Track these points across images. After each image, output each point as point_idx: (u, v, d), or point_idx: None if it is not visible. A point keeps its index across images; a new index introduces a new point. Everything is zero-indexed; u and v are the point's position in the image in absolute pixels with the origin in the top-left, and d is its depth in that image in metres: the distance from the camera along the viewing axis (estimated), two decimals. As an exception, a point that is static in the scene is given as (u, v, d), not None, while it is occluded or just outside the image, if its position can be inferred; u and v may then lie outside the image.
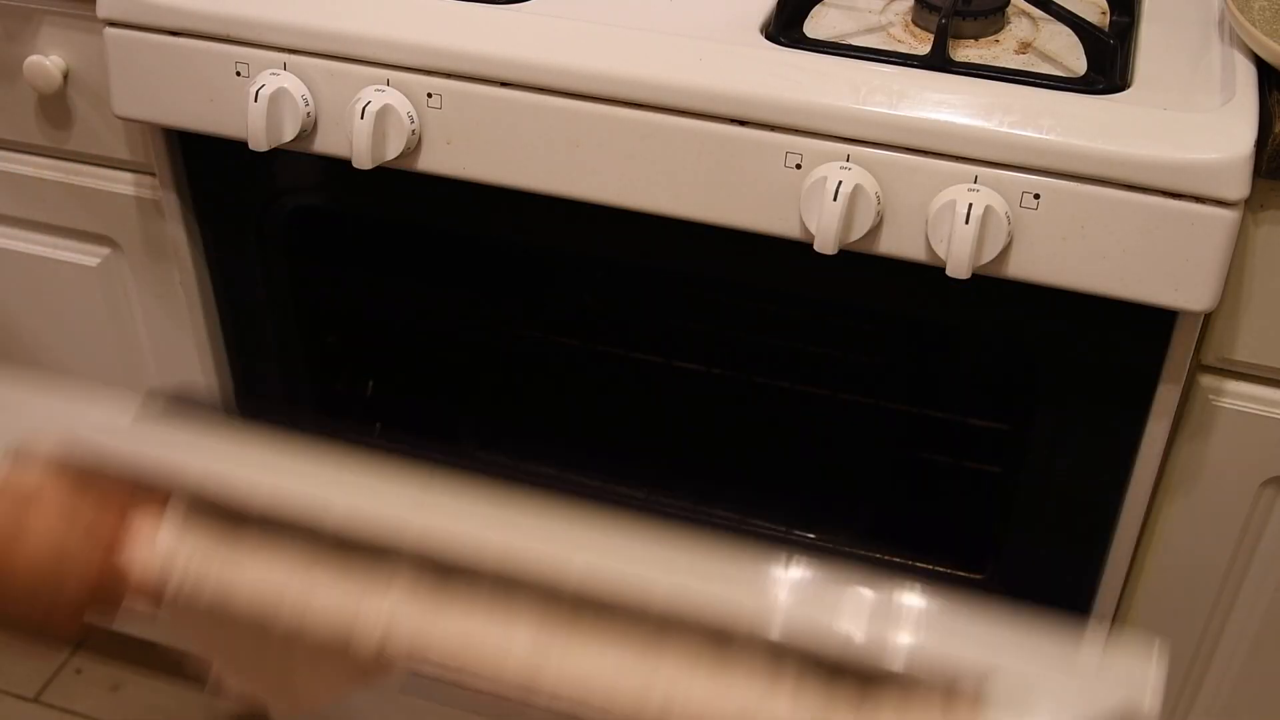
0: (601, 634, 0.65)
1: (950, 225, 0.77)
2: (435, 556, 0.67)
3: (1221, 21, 0.89)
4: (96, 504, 0.69)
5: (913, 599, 0.63)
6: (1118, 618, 1.00)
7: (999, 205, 0.77)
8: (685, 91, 0.82)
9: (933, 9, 0.87)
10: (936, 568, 1.17)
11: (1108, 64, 0.82)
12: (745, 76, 0.81)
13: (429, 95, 0.87)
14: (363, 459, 0.71)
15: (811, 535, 1.22)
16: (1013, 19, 0.90)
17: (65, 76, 1.02)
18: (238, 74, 0.90)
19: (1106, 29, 0.87)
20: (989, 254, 0.78)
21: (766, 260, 0.90)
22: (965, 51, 0.86)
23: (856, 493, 1.28)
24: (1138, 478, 0.91)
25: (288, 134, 0.89)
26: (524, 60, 0.84)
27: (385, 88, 0.87)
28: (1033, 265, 0.80)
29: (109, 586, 0.71)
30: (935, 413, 1.31)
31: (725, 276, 0.96)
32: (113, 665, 1.58)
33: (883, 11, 0.91)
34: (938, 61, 0.82)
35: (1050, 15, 0.86)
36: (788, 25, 0.87)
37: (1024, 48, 0.87)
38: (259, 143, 0.89)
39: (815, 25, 0.89)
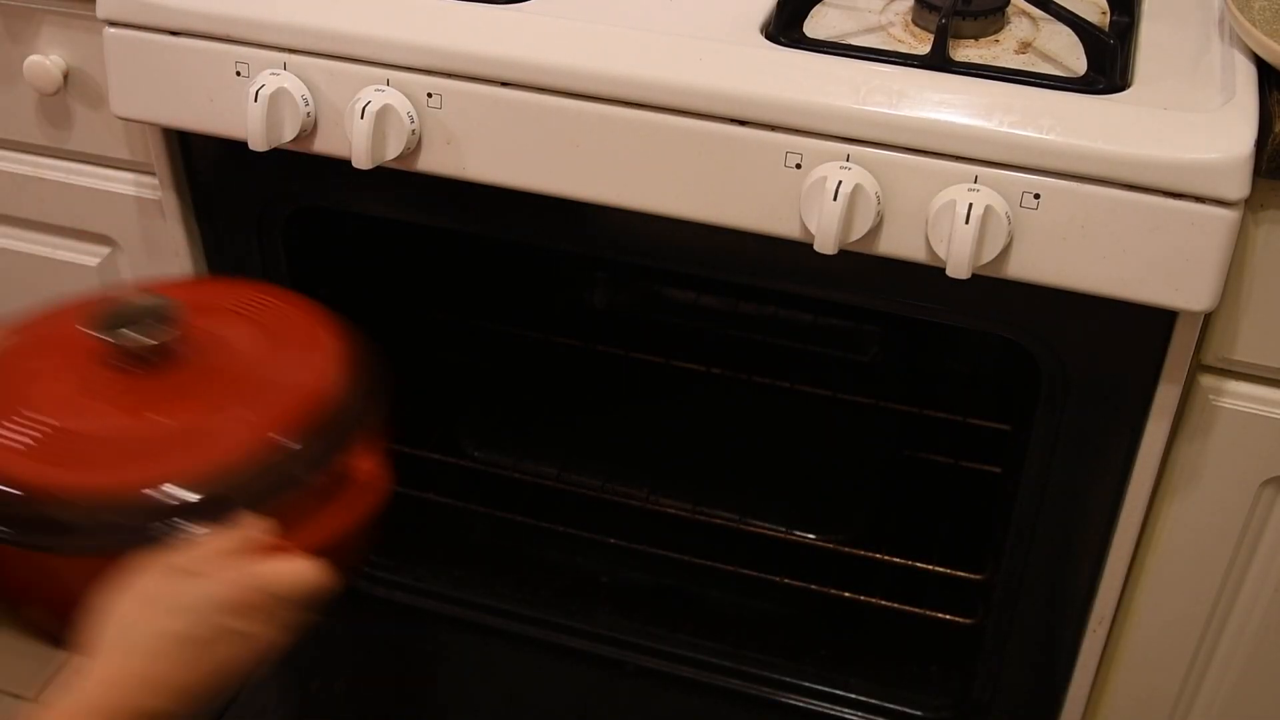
0: None
1: (950, 225, 0.77)
2: None
3: (1221, 21, 0.89)
4: None
5: None
6: (1118, 618, 1.00)
7: (999, 205, 0.77)
8: (685, 91, 0.82)
9: (933, 9, 0.87)
10: (936, 568, 1.17)
11: (1108, 64, 0.82)
12: (745, 76, 0.81)
13: (429, 95, 0.87)
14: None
15: (811, 535, 1.22)
16: (1013, 19, 0.90)
17: (65, 76, 1.02)
18: (238, 74, 0.90)
19: (1106, 29, 0.87)
20: (989, 254, 0.78)
21: (766, 260, 0.90)
22: (965, 51, 0.86)
23: (856, 493, 1.28)
24: (1138, 478, 0.91)
25: (288, 134, 0.89)
26: (524, 60, 0.84)
27: (385, 88, 0.87)
28: (1033, 265, 0.80)
29: None
30: (935, 413, 1.31)
31: (725, 276, 0.96)
32: (113, 665, 1.57)
33: (883, 11, 0.91)
34: (938, 61, 0.82)
35: (1050, 15, 0.86)
36: (788, 25, 0.87)
37: (1024, 48, 0.87)
38: (259, 143, 0.89)
39: (815, 25, 0.89)
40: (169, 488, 0.72)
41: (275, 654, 0.72)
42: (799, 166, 0.81)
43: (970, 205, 0.77)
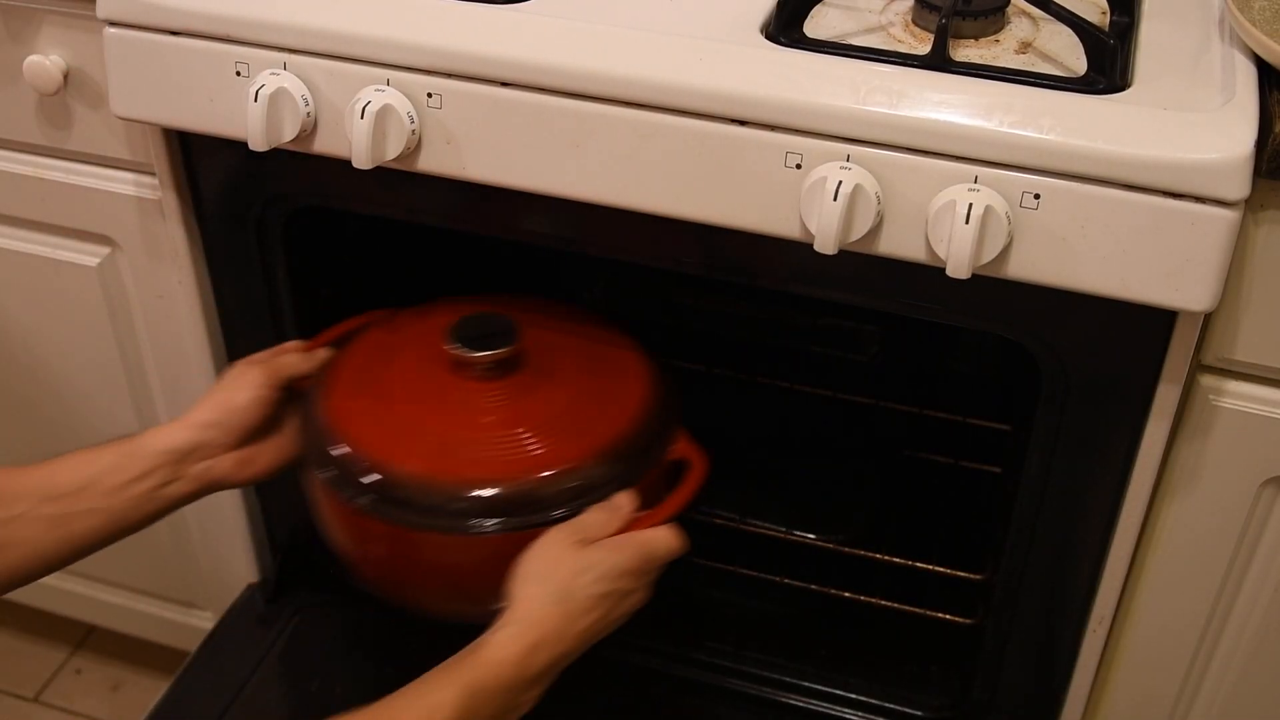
0: None
1: (950, 225, 0.77)
2: None
3: (1221, 21, 0.89)
4: None
5: None
6: (1118, 618, 1.00)
7: (999, 205, 0.77)
8: (685, 91, 0.82)
9: (933, 9, 0.87)
10: (936, 568, 1.17)
11: (1108, 64, 0.82)
12: (745, 76, 0.81)
13: (429, 95, 0.87)
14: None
15: (811, 536, 1.22)
16: (1013, 19, 0.90)
17: (65, 76, 1.02)
18: (238, 74, 0.90)
19: (1106, 29, 0.87)
20: (989, 254, 0.78)
21: (766, 260, 0.90)
22: (965, 51, 0.86)
23: (856, 492, 1.28)
24: (1138, 478, 0.91)
25: (288, 134, 0.89)
26: (524, 60, 0.84)
27: (385, 88, 0.87)
28: (1033, 265, 0.80)
29: None
30: (936, 413, 1.31)
31: (725, 276, 0.96)
32: (113, 665, 1.58)
33: (883, 11, 0.91)
34: (938, 61, 0.82)
35: (1050, 15, 0.86)
36: (788, 25, 0.87)
37: (1024, 48, 0.87)
38: (259, 143, 0.89)
39: (815, 25, 0.89)
40: (564, 474, 0.89)
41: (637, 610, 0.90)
42: (799, 166, 0.81)
43: (970, 205, 0.77)
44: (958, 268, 0.78)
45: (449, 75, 0.86)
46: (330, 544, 0.97)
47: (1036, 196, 0.78)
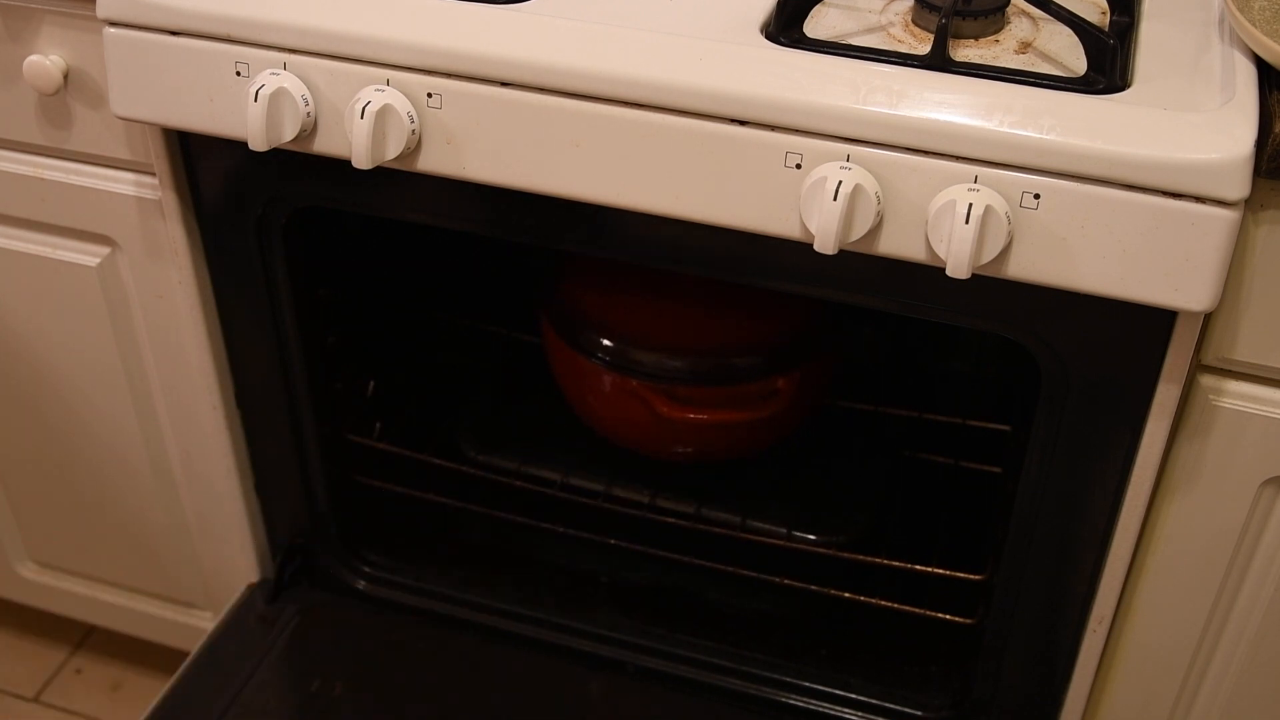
0: None
1: (950, 225, 0.77)
2: None
3: (1221, 21, 0.89)
4: None
5: None
6: (1118, 618, 1.00)
7: (999, 205, 0.77)
8: (685, 91, 0.82)
9: (933, 9, 0.87)
10: (936, 569, 1.17)
11: (1108, 64, 0.82)
12: (745, 76, 0.81)
13: (429, 95, 0.87)
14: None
15: (812, 537, 1.22)
16: (1013, 19, 0.90)
17: (65, 76, 1.02)
18: (238, 74, 0.90)
19: (1106, 29, 0.87)
20: (989, 254, 0.78)
21: (766, 260, 0.90)
22: (965, 51, 0.86)
23: (857, 494, 1.28)
24: (1138, 478, 0.91)
25: (288, 134, 0.89)
26: (524, 60, 0.84)
27: (385, 88, 0.87)
28: (1033, 265, 0.80)
29: None
30: (936, 414, 1.31)
31: (725, 276, 0.96)
32: (113, 665, 1.58)
33: (883, 11, 0.91)
34: (938, 61, 0.82)
35: (1050, 15, 0.86)
36: (788, 25, 0.87)
37: (1024, 48, 0.87)
38: (259, 143, 0.89)
39: (815, 25, 0.89)
40: (693, 357, 1.18)
41: None
42: (799, 166, 0.81)
43: (970, 205, 0.77)
44: (958, 268, 0.78)
45: (449, 75, 0.86)
46: (573, 398, 1.25)
47: (1036, 196, 0.78)
